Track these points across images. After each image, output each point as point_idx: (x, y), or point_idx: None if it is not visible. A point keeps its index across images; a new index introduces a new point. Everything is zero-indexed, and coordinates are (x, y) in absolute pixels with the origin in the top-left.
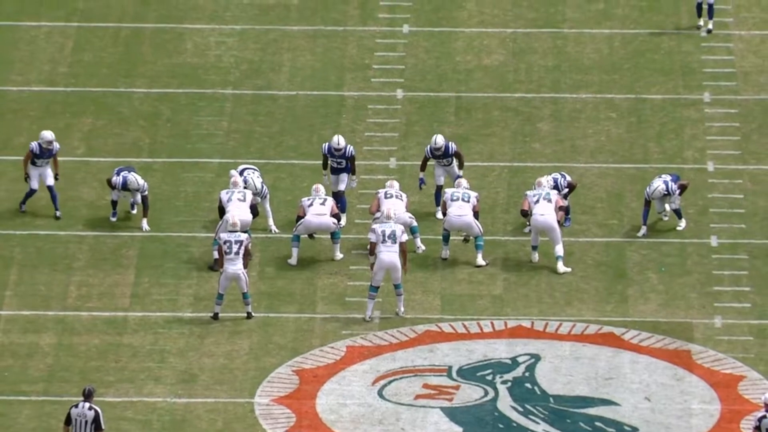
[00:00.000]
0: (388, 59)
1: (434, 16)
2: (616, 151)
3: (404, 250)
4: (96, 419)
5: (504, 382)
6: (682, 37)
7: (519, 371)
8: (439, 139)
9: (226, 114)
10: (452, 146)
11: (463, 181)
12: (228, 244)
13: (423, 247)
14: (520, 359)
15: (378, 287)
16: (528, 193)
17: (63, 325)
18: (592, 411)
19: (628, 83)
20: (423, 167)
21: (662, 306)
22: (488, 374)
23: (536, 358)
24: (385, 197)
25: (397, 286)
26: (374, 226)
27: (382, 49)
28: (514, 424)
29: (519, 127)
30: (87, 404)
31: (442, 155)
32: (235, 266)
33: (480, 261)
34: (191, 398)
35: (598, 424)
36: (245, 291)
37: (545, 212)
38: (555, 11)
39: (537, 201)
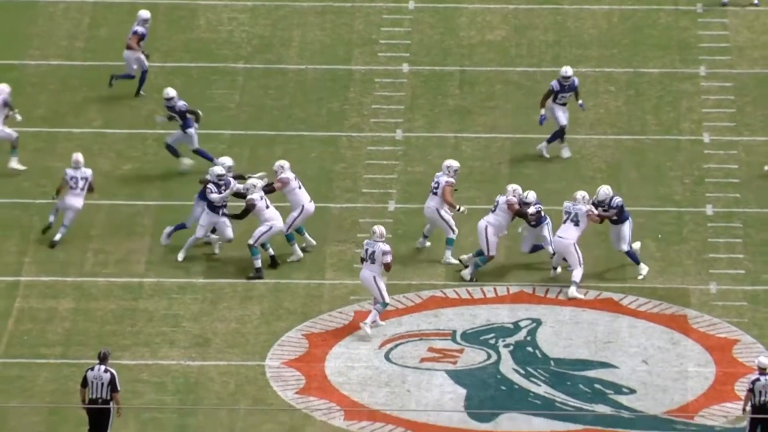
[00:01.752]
0: (394, 34)
1: None
2: (614, 123)
3: (386, 270)
4: (112, 381)
5: (506, 346)
6: (678, 13)
7: (521, 335)
8: (569, 69)
9: (237, 87)
10: (577, 80)
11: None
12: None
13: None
14: (522, 324)
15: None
16: (565, 203)
17: (80, 291)
18: (591, 373)
19: (627, 58)
20: (543, 103)
21: (659, 272)
22: (491, 338)
23: (537, 322)
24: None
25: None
26: (365, 242)
27: (389, 25)
28: (516, 386)
29: (521, 100)
30: (103, 367)
31: (569, 88)
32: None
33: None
34: (204, 361)
35: (597, 386)
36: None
37: (566, 235)
38: None
39: (564, 221)
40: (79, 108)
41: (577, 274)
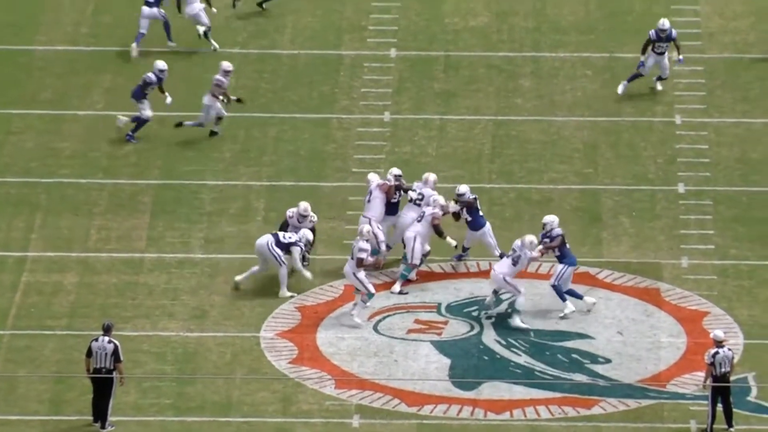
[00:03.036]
0: (382, 21)
1: None
2: (591, 105)
3: (357, 266)
4: (115, 351)
5: (488, 318)
6: (650, 2)
7: (502, 308)
8: (666, 22)
9: (233, 71)
10: (674, 32)
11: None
12: None
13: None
14: (504, 297)
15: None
16: (515, 242)
17: (84, 266)
18: (569, 344)
19: (603, 43)
20: (644, 50)
21: (633, 248)
22: (474, 311)
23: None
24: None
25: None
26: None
27: (377, 12)
28: (498, 356)
29: (502, 84)
30: (107, 338)
31: (666, 38)
32: None
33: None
34: (202, 332)
35: (574, 355)
36: None
37: (499, 269)
38: None
39: (507, 255)
40: (83, 91)
41: (520, 303)
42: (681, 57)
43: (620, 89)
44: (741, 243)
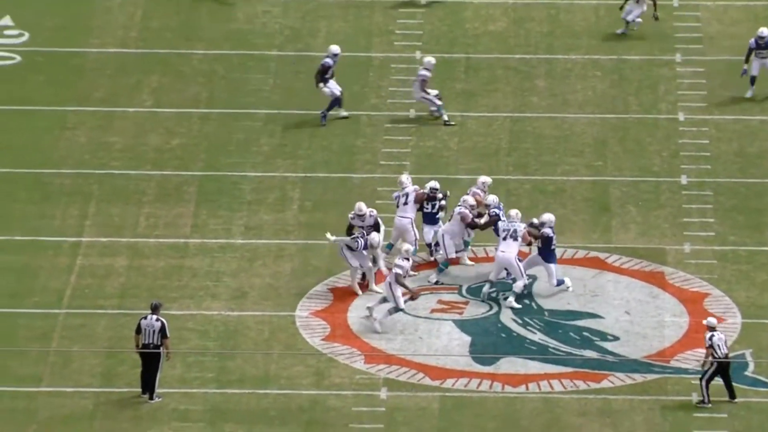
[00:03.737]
0: (408, 26)
1: None
2: (600, 103)
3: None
4: (162, 329)
5: (506, 299)
6: (658, 6)
7: (518, 288)
8: (765, 30)
9: (271, 72)
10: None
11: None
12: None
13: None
14: (505, 281)
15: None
16: (499, 224)
17: (134, 250)
18: (580, 323)
19: (612, 46)
20: (747, 59)
21: (640, 234)
22: (492, 292)
23: (533, 278)
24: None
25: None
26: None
27: (404, 17)
28: (515, 334)
29: (519, 84)
30: (154, 316)
31: (765, 45)
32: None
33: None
34: (242, 312)
35: (585, 333)
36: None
37: (508, 250)
38: None
39: (504, 238)
40: (132, 90)
41: (518, 285)
42: None
43: (749, 94)
44: (739, 230)
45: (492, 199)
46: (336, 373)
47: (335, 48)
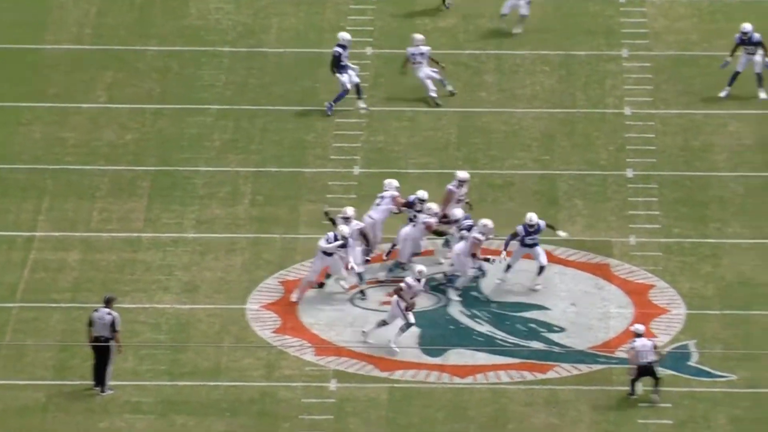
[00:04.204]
0: (359, 22)
1: None
2: (548, 98)
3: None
4: (113, 322)
5: (454, 291)
6: (604, 2)
7: (468, 282)
8: (748, 26)
9: (224, 68)
10: (758, 35)
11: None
12: None
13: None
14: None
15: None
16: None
17: (87, 245)
18: (527, 314)
19: (559, 42)
20: (732, 52)
21: (586, 227)
22: (440, 284)
23: (482, 270)
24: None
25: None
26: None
27: (354, 14)
28: (463, 326)
29: (468, 79)
30: (106, 309)
31: (749, 41)
32: None
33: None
34: (194, 305)
35: (531, 325)
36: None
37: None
38: None
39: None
40: (87, 86)
41: (461, 281)
42: None
43: (723, 94)
44: (684, 223)
45: (459, 212)
46: (286, 365)
47: (343, 35)
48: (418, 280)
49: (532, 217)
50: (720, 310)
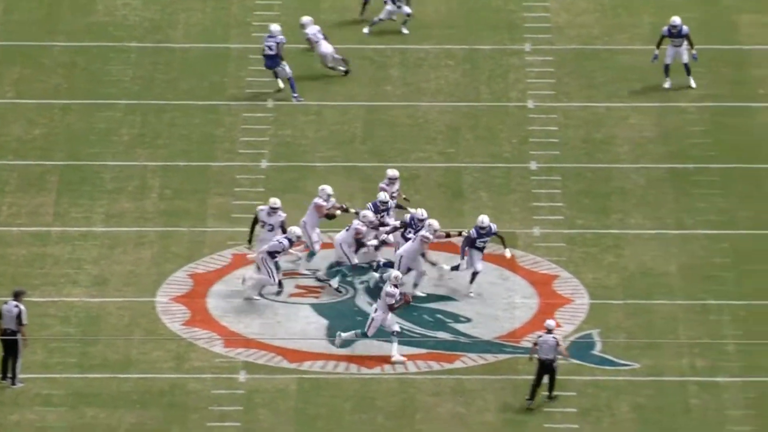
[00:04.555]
0: (265, 17)
1: None
2: (453, 92)
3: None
4: (19, 315)
5: (362, 283)
6: None
7: (374, 274)
8: (677, 19)
9: (131, 64)
10: (686, 28)
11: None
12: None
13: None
14: (375, 264)
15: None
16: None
17: None
18: (433, 305)
19: (463, 36)
20: (658, 45)
21: (491, 219)
22: (349, 276)
23: (389, 263)
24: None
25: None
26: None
27: (260, 9)
28: (370, 317)
29: (374, 73)
30: (14, 302)
31: (677, 34)
32: None
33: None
34: (103, 298)
35: (438, 315)
36: None
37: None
38: None
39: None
40: None
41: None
42: (695, 53)
43: (666, 85)
44: (586, 214)
45: (421, 212)
46: (196, 357)
47: (273, 27)
48: (396, 286)
49: (484, 219)
50: (623, 299)
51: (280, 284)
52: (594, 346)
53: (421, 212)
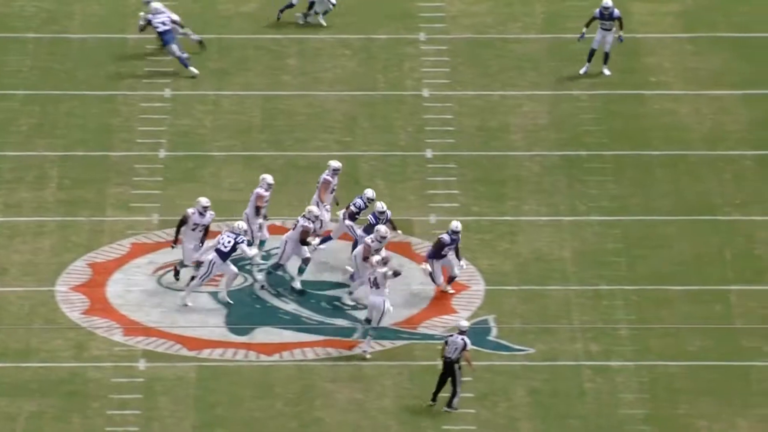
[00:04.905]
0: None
1: None
2: (350, 81)
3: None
4: None
5: (260, 271)
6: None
7: (272, 261)
8: (609, 1)
9: (29, 54)
10: (617, 11)
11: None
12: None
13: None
14: (273, 252)
15: None
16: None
17: None
18: (331, 292)
19: (360, 26)
20: (588, 24)
21: (388, 207)
22: (247, 264)
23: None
24: None
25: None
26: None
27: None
28: (269, 305)
29: (270, 63)
30: None
31: (608, 16)
32: None
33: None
34: (3, 287)
35: (336, 303)
36: None
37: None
38: None
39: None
40: None
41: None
42: (622, 35)
43: (583, 70)
44: (482, 201)
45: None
46: (95, 346)
47: (156, 4)
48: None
49: (458, 225)
50: (517, 285)
51: (177, 273)
52: (490, 332)
53: (380, 205)
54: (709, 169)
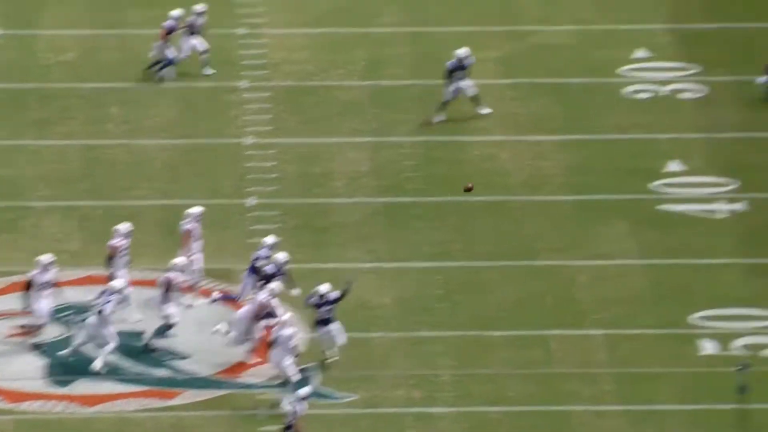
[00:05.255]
0: None
1: (21, 20)
2: (171, 129)
3: None
4: None
5: (81, 321)
6: (223, 36)
7: (95, 311)
8: (464, 51)
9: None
10: (474, 59)
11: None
12: None
13: None
14: (96, 302)
15: None
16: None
17: None
18: (153, 342)
19: (181, 73)
20: (448, 78)
21: (209, 256)
22: (67, 315)
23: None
24: None
25: None
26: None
27: None
28: (89, 355)
29: (91, 112)
30: None
31: (461, 66)
32: None
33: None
34: None
35: (158, 353)
36: None
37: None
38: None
39: None
40: None
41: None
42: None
43: (436, 119)
44: (305, 248)
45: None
46: None
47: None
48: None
49: (324, 287)
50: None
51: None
52: (311, 381)
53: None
54: (530, 214)
